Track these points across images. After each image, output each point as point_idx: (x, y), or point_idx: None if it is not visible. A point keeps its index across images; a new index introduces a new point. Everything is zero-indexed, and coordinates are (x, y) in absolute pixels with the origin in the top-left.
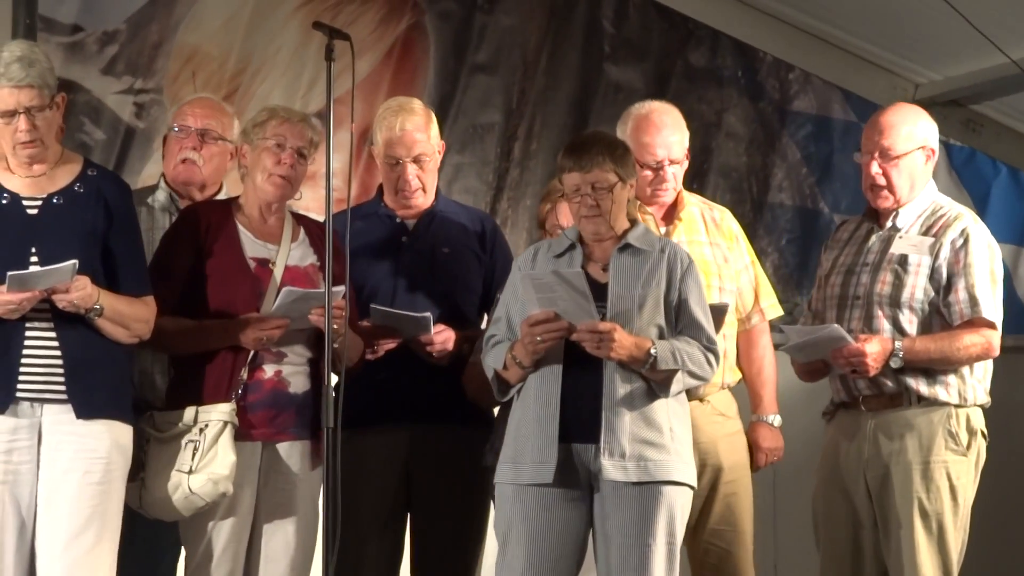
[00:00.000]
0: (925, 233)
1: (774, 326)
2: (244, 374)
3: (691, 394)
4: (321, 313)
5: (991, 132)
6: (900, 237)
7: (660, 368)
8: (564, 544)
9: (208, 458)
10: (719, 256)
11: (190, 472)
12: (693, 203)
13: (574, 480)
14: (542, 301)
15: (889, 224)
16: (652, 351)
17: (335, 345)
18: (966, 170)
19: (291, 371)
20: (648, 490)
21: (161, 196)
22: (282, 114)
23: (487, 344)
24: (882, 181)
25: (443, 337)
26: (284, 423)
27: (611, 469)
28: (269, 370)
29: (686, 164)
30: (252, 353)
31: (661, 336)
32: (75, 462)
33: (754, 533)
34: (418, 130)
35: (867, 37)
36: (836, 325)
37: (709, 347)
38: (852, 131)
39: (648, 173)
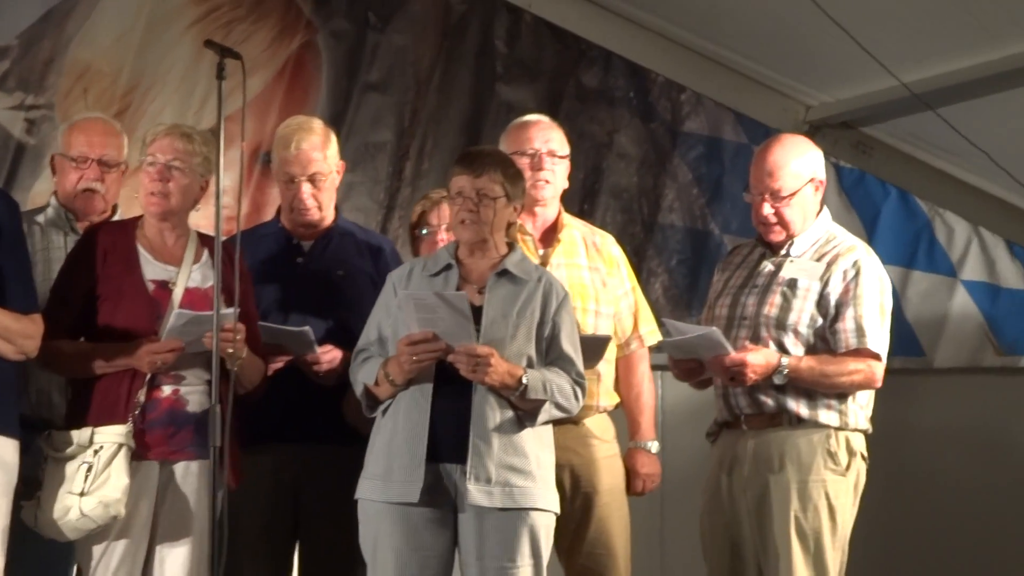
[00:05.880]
0: (818, 260)
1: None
2: (141, 396)
3: (566, 417)
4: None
5: (881, 154)
6: (791, 262)
7: (530, 397)
8: (431, 563)
9: (100, 480)
10: (597, 280)
11: (82, 494)
12: (575, 226)
13: (440, 500)
14: (422, 321)
15: (783, 251)
16: (524, 380)
17: (232, 368)
18: (856, 192)
19: (189, 391)
20: (513, 515)
21: (50, 213)
22: (156, 131)
23: (356, 359)
24: (774, 220)
25: (330, 356)
26: (181, 442)
27: (476, 494)
28: (167, 389)
29: (567, 167)
30: (150, 374)
31: (530, 366)
32: None
33: (639, 554)
34: (314, 149)
35: (759, 59)
36: (715, 328)
37: (578, 381)
38: (743, 153)
39: (525, 160)
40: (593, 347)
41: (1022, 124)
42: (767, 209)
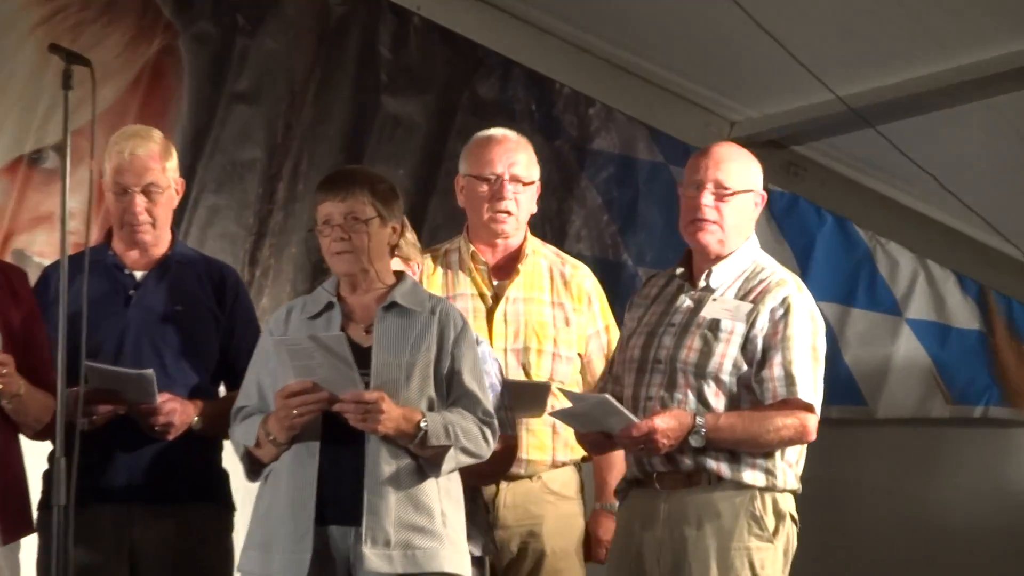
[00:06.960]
0: (743, 298)
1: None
2: None
3: (518, 473)
4: None
5: (815, 177)
6: (714, 299)
7: (431, 444)
8: None
9: None
10: (560, 318)
11: None
12: (542, 254)
13: (330, 568)
14: (298, 369)
15: (702, 284)
16: (422, 424)
17: (6, 404)
18: (787, 220)
19: None
20: None
21: None
22: None
23: (236, 417)
24: (713, 216)
25: (169, 408)
26: None
27: (374, 559)
28: None
29: (535, 191)
30: None
31: (431, 409)
32: None
33: None
34: (151, 158)
35: (677, 69)
36: (607, 396)
37: (485, 420)
38: (659, 173)
39: (483, 187)
40: (531, 395)
41: (973, 144)
42: (708, 199)
